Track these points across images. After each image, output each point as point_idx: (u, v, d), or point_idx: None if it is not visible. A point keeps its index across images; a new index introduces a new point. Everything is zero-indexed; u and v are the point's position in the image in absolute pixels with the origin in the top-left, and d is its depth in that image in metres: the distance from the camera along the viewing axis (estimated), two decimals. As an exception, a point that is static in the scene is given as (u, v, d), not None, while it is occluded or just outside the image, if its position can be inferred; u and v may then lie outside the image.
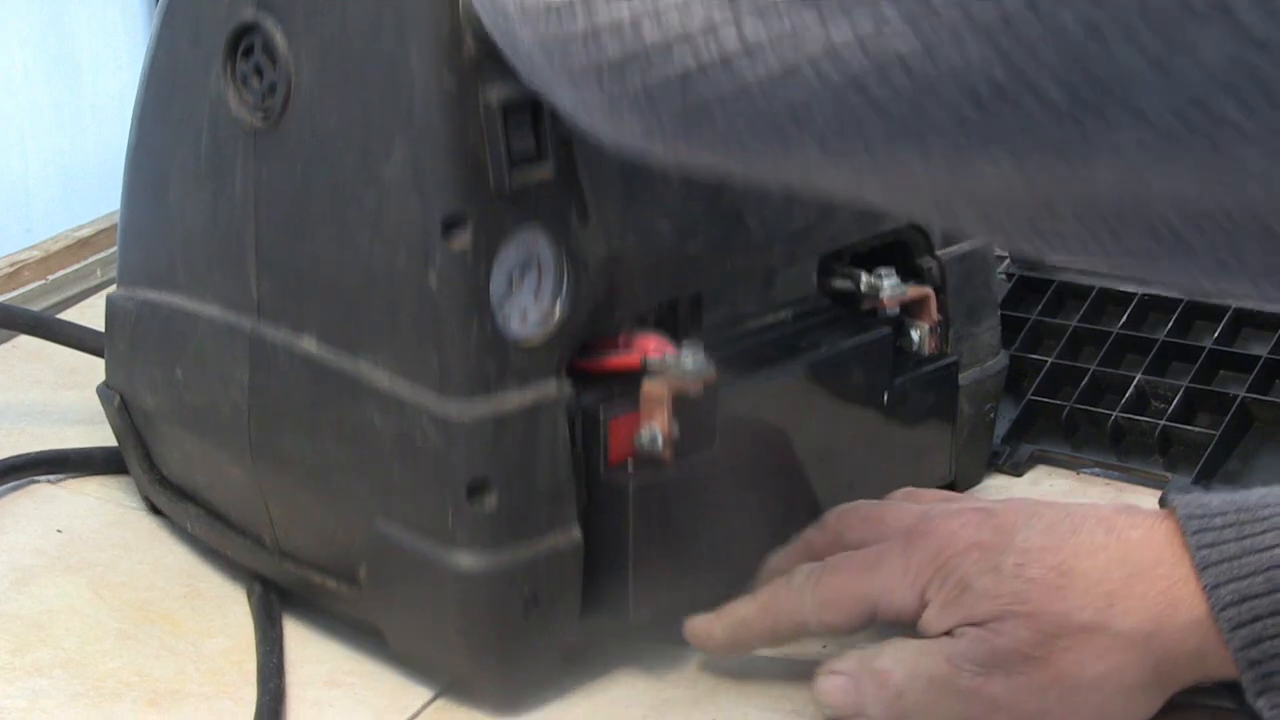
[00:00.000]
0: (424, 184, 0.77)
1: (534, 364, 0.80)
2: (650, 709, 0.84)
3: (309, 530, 0.87)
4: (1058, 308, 1.13)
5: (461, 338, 0.78)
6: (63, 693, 0.85)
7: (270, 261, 0.84)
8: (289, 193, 0.83)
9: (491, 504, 0.79)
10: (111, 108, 0.88)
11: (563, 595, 0.82)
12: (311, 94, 0.81)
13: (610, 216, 0.81)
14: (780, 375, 0.87)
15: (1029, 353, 1.09)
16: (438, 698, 0.85)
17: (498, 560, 0.80)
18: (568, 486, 0.81)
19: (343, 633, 0.89)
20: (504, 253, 0.79)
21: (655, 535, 0.82)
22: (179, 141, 0.88)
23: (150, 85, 0.90)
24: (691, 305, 0.86)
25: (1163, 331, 1.08)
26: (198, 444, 0.91)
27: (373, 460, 0.82)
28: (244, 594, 0.92)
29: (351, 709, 0.84)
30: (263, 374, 0.86)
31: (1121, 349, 1.08)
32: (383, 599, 0.84)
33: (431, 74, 0.76)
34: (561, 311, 0.81)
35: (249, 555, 0.90)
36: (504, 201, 0.78)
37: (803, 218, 0.89)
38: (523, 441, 0.80)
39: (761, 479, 0.87)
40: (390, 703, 0.84)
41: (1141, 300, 1.10)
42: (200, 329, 0.88)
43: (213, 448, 0.90)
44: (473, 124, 0.77)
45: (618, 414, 0.82)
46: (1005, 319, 1.08)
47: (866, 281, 0.91)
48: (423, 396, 0.79)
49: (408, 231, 0.78)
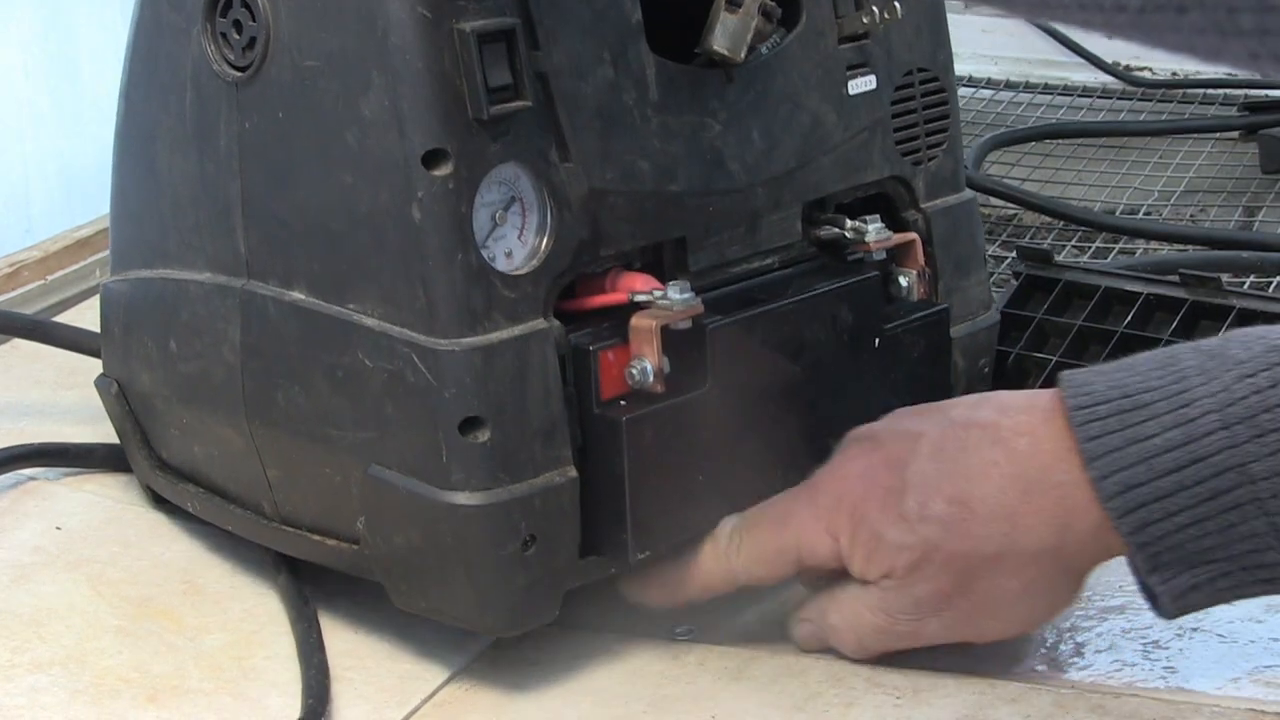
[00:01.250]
0: (403, 117, 0.78)
1: (521, 299, 0.80)
2: (651, 704, 0.84)
3: (306, 489, 0.87)
4: (1063, 307, 1.12)
5: (447, 271, 0.78)
6: (62, 689, 0.84)
7: (257, 215, 0.85)
8: (272, 142, 0.83)
9: (485, 440, 0.79)
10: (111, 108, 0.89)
11: (562, 534, 0.82)
12: (289, 39, 0.81)
13: (590, 153, 0.82)
14: (770, 314, 0.87)
15: (1034, 351, 1.09)
16: (438, 691, 0.85)
17: (494, 497, 0.80)
18: (561, 423, 0.81)
19: (344, 628, 0.89)
20: (485, 188, 0.79)
21: (650, 470, 0.82)
22: (165, 107, 0.88)
23: (134, 57, 0.90)
24: (676, 248, 0.87)
25: (1167, 331, 1.07)
26: (194, 416, 0.91)
27: (365, 405, 0.82)
28: (243, 591, 0.92)
29: (353, 701, 0.84)
30: (254, 331, 0.86)
31: (1126, 348, 1.06)
32: (382, 550, 0.83)
33: (406, 5, 0.77)
34: (546, 247, 0.81)
35: (250, 527, 0.90)
36: (483, 132, 0.78)
37: (783, 162, 0.89)
38: (513, 377, 0.80)
39: (755, 418, 0.87)
40: (390, 697, 0.84)
41: (1147, 300, 1.10)
42: (191, 295, 0.89)
43: (208, 417, 0.90)
44: (449, 54, 0.77)
45: (607, 347, 0.82)
46: (1011, 317, 1.09)
47: (851, 225, 0.91)
48: (411, 334, 0.79)
49: (389, 167, 0.78)
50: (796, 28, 0.90)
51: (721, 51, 0.84)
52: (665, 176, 0.84)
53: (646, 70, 0.84)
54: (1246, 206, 1.43)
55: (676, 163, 0.85)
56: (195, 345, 0.89)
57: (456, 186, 0.78)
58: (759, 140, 0.88)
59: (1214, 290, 1.09)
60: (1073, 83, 1.75)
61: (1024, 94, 1.71)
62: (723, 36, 0.84)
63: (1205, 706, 0.82)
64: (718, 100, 0.86)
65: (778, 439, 0.88)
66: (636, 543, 0.83)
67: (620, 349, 0.82)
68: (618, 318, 0.83)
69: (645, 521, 0.83)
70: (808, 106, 0.90)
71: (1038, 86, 1.73)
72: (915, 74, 0.96)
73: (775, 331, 0.87)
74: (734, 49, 0.84)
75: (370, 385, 0.81)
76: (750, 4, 0.84)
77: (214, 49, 0.85)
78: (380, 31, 0.78)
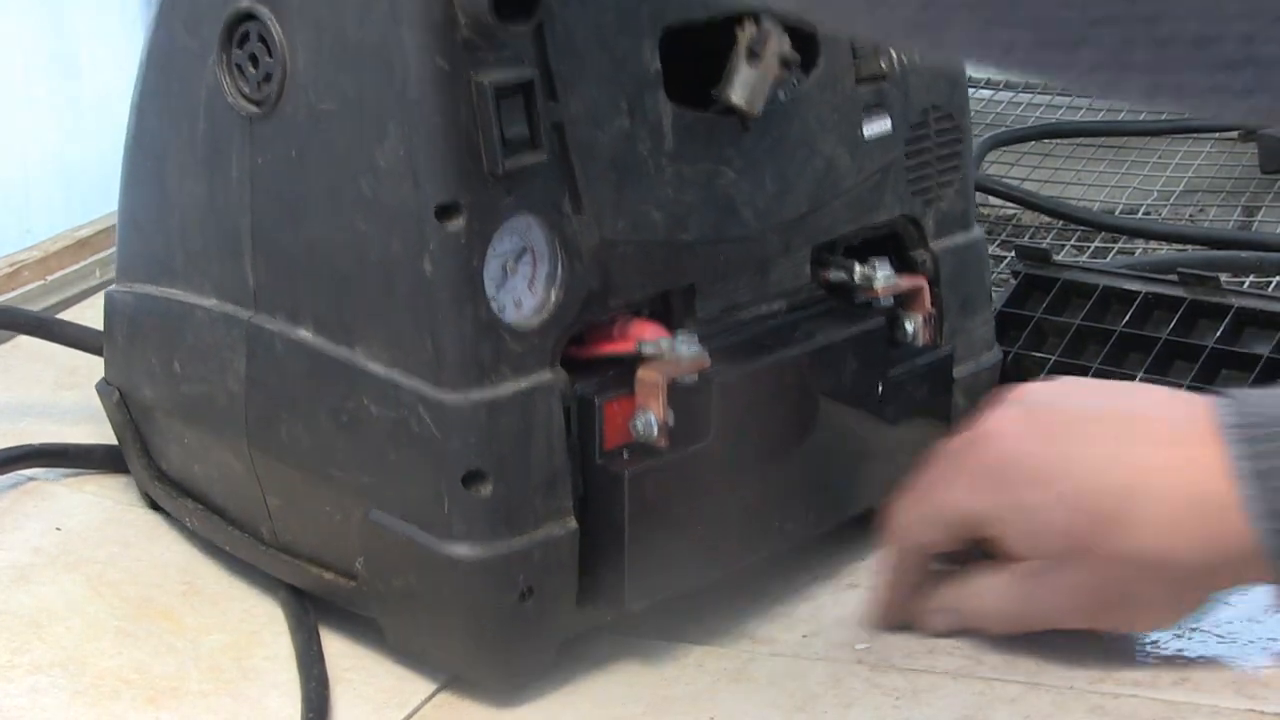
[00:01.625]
0: (417, 169, 0.77)
1: (529, 351, 0.80)
2: (650, 706, 0.84)
3: (306, 522, 0.87)
4: (1062, 306, 1.12)
5: (456, 324, 0.78)
6: (62, 690, 0.84)
7: (266, 249, 0.85)
8: (285, 180, 0.83)
9: (487, 493, 0.79)
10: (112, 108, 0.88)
11: (559, 584, 0.82)
12: (306, 80, 0.81)
13: (603, 204, 0.81)
14: (775, 365, 0.87)
15: (1032, 351, 1.09)
16: (437, 693, 0.85)
17: (494, 550, 0.80)
18: (564, 475, 0.81)
19: (342, 629, 0.88)
20: (498, 239, 0.79)
21: (651, 522, 0.82)
22: (177, 130, 0.88)
23: (148, 74, 0.90)
24: (685, 295, 0.86)
25: (1166, 330, 1.07)
26: (196, 436, 0.91)
27: (368, 449, 0.82)
28: (243, 591, 0.91)
29: (352, 704, 0.84)
30: (259, 363, 0.85)
31: (1125, 348, 1.07)
32: (380, 591, 0.84)
33: (424, 56, 0.76)
34: (555, 299, 0.81)
35: (248, 550, 0.90)
36: (497, 187, 0.78)
37: (795, 207, 0.89)
38: (518, 430, 0.79)
39: (757, 468, 0.87)
40: (390, 698, 0.84)
41: (1145, 299, 1.10)
42: (198, 319, 0.88)
43: (211, 439, 0.90)
44: (465, 107, 0.77)
45: (612, 399, 0.82)
46: (1009, 317, 1.09)
47: (860, 272, 0.91)
48: (417, 384, 0.79)
49: (402, 217, 0.78)
50: (815, 70, 0.89)
51: (739, 105, 0.84)
52: (677, 226, 0.84)
53: (663, 119, 0.83)
54: (1245, 206, 1.43)
55: (689, 211, 0.84)
56: (199, 369, 0.89)
57: (469, 240, 0.78)
58: (772, 186, 0.87)
59: (1213, 289, 1.09)
60: (1072, 82, 1.74)
61: (1024, 94, 1.70)
62: (741, 89, 0.83)
63: (1204, 707, 0.82)
64: (734, 148, 0.86)
65: (779, 486, 0.88)
66: (634, 594, 0.83)
67: (625, 400, 0.82)
68: (623, 365, 0.83)
69: (643, 572, 0.83)
70: (822, 150, 0.90)
71: (1038, 86, 1.72)
72: (930, 113, 0.95)
73: (780, 382, 0.87)
74: (751, 102, 0.83)
75: (374, 431, 0.81)
76: (770, 57, 0.83)
77: (229, 80, 0.84)
78: (398, 82, 0.77)
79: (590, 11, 0.80)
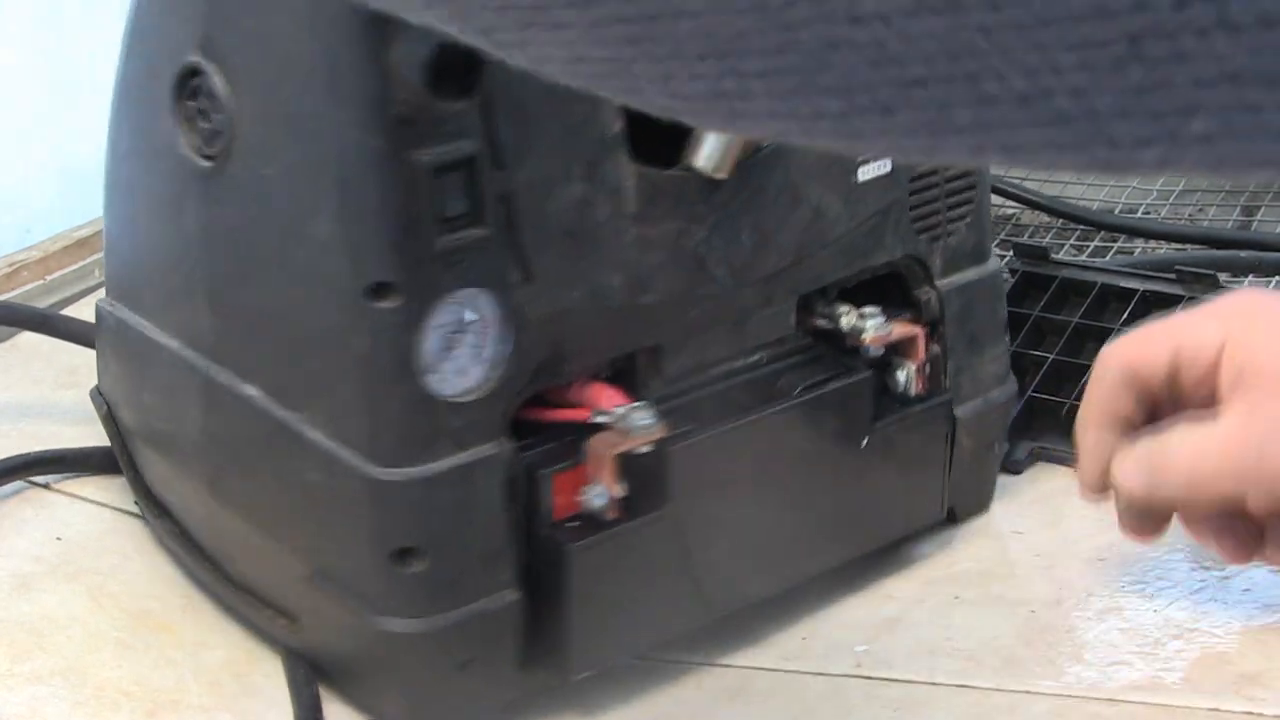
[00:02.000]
0: (352, 246, 0.75)
1: (471, 424, 0.78)
2: None
3: (259, 571, 0.86)
4: (1060, 304, 1.12)
5: (389, 402, 0.77)
6: (62, 701, 0.85)
7: (220, 305, 0.83)
8: (235, 238, 0.81)
9: (420, 569, 0.78)
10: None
11: (500, 653, 0.81)
12: (251, 142, 0.79)
13: (554, 273, 0.79)
14: (743, 426, 0.84)
15: (1031, 349, 1.08)
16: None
17: (429, 625, 0.79)
18: (505, 549, 0.79)
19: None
20: (437, 314, 0.77)
21: (598, 594, 0.81)
22: (144, 169, 0.86)
23: (121, 103, 0.88)
24: (651, 354, 0.84)
25: None
26: (167, 467, 0.91)
27: (310, 516, 0.81)
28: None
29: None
30: (215, 416, 0.85)
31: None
32: (322, 649, 0.83)
33: (358, 134, 0.74)
34: (502, 369, 0.79)
35: (214, 582, 0.90)
36: (435, 264, 0.76)
37: (777, 261, 0.85)
38: (456, 506, 0.78)
39: (723, 532, 0.85)
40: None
41: (1143, 297, 1.10)
42: (163, 360, 0.88)
43: (180, 473, 0.90)
44: (402, 185, 0.74)
45: (561, 469, 0.80)
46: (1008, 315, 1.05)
47: (847, 321, 0.88)
48: (353, 457, 0.78)
49: (337, 292, 0.76)
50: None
51: (704, 170, 0.80)
52: (638, 289, 0.81)
53: (624, 182, 0.80)
54: (1245, 206, 1.40)
55: (653, 273, 0.82)
56: (166, 408, 0.89)
57: (404, 318, 0.76)
58: (750, 240, 0.84)
59: (1210, 287, 1.09)
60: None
61: None
62: (706, 154, 0.80)
63: (1200, 710, 0.81)
64: (704, 205, 0.83)
65: (748, 548, 0.86)
66: (579, 664, 0.82)
67: (575, 470, 0.80)
68: (579, 432, 0.81)
69: (589, 642, 0.81)
70: (809, 199, 0.86)
71: None
72: (939, 148, 0.91)
73: (749, 443, 0.84)
74: (717, 168, 0.80)
75: (314, 498, 0.80)
76: (736, 122, 0.79)
77: (183, 130, 0.82)
78: (333, 157, 0.75)
79: (543, 78, 0.77)
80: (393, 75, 0.73)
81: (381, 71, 0.73)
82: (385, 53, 0.73)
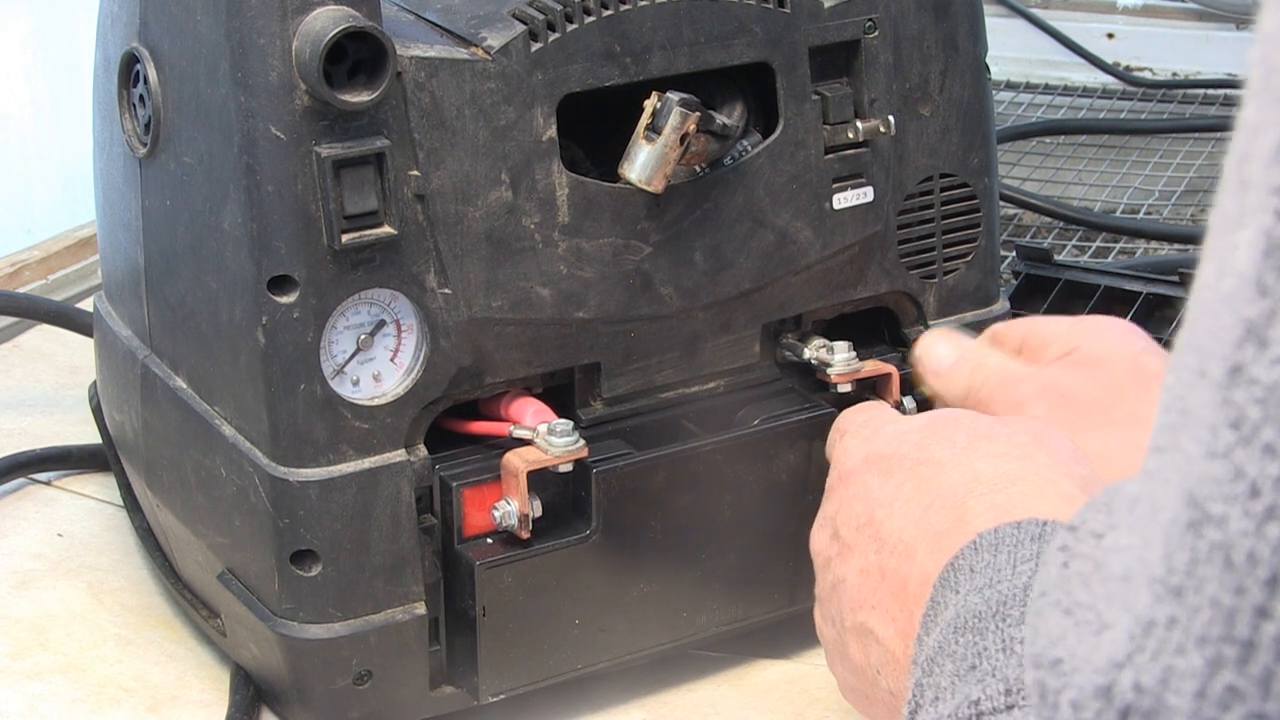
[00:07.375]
0: (253, 237, 0.74)
1: (377, 430, 0.76)
2: (650, 713, 0.83)
3: (192, 568, 0.85)
4: (1064, 306, 1.11)
5: (288, 401, 0.75)
6: (62, 698, 0.85)
7: (155, 293, 0.83)
8: (164, 228, 0.81)
9: (315, 574, 0.76)
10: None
11: (404, 670, 0.78)
12: (174, 130, 0.78)
13: (473, 281, 0.77)
14: (681, 454, 0.81)
15: None
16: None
17: (324, 632, 0.77)
18: (412, 560, 0.77)
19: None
20: (344, 313, 0.75)
21: (510, 614, 0.78)
22: (107, 157, 0.86)
23: (96, 90, 0.88)
24: (588, 373, 0.81)
25: (1167, 330, 1.05)
26: (126, 460, 0.91)
27: (220, 512, 0.80)
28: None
29: None
30: (151, 407, 0.84)
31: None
32: (241, 651, 0.82)
33: (259, 123, 0.73)
34: (415, 376, 0.77)
35: (170, 581, 0.89)
36: (339, 262, 0.74)
37: (733, 284, 0.82)
38: (356, 512, 0.76)
39: (655, 560, 0.81)
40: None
41: (1147, 299, 1.10)
42: (118, 349, 0.87)
43: (129, 466, 0.90)
44: (304, 179, 0.73)
45: (475, 484, 0.78)
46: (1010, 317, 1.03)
47: (810, 354, 0.84)
48: (255, 454, 0.77)
49: (241, 284, 0.75)
50: (770, 138, 0.82)
51: (636, 183, 0.78)
52: (570, 304, 0.79)
53: (556, 191, 0.78)
54: None
55: (588, 288, 0.79)
56: (119, 398, 0.88)
57: (303, 315, 0.74)
58: (703, 262, 0.81)
59: None
60: (1073, 83, 1.74)
61: (1024, 94, 1.71)
62: (639, 167, 0.77)
63: None
64: (650, 221, 0.80)
65: (683, 581, 0.82)
66: (488, 685, 0.79)
67: (489, 486, 0.78)
68: (502, 447, 0.79)
69: (500, 665, 0.79)
70: (773, 224, 0.83)
71: (1038, 87, 1.73)
72: (936, 180, 0.87)
73: (686, 472, 0.81)
74: (649, 180, 0.77)
75: (224, 494, 0.79)
76: (670, 134, 0.76)
77: (126, 119, 0.82)
78: (236, 147, 0.74)
79: (466, 80, 0.75)
80: (296, 67, 0.72)
81: (284, 62, 0.72)
82: (290, 41, 0.72)
